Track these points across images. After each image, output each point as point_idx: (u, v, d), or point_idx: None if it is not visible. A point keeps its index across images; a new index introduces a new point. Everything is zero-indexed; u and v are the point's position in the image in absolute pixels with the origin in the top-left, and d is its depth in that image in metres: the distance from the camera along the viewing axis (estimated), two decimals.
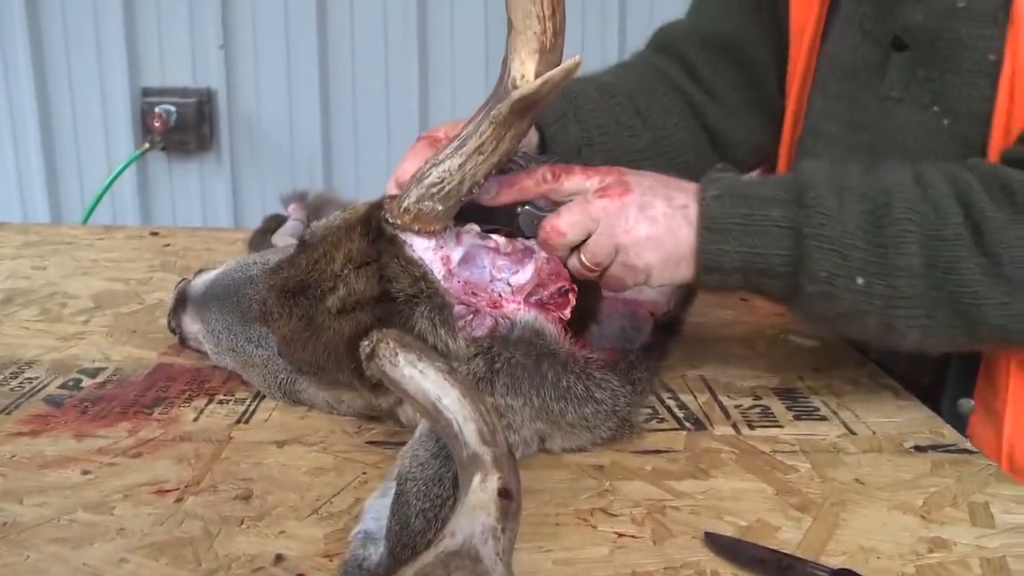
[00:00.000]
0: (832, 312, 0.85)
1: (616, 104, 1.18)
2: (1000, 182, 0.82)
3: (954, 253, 0.81)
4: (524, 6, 0.69)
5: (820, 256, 0.82)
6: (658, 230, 0.83)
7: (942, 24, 0.94)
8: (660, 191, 0.84)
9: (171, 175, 2.82)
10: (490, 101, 0.74)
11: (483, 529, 0.56)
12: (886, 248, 0.81)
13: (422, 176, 0.76)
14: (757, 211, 0.83)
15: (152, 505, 0.72)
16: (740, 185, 0.86)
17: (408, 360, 0.69)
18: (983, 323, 0.82)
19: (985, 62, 0.92)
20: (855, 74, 1.04)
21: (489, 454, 0.61)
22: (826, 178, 0.85)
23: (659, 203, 0.83)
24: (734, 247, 0.83)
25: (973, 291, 0.81)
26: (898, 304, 0.83)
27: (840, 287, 0.83)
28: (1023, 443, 0.93)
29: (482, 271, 0.81)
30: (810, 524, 0.72)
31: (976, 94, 0.92)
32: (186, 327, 0.98)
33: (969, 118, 0.93)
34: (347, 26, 2.71)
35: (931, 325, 0.83)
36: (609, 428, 0.82)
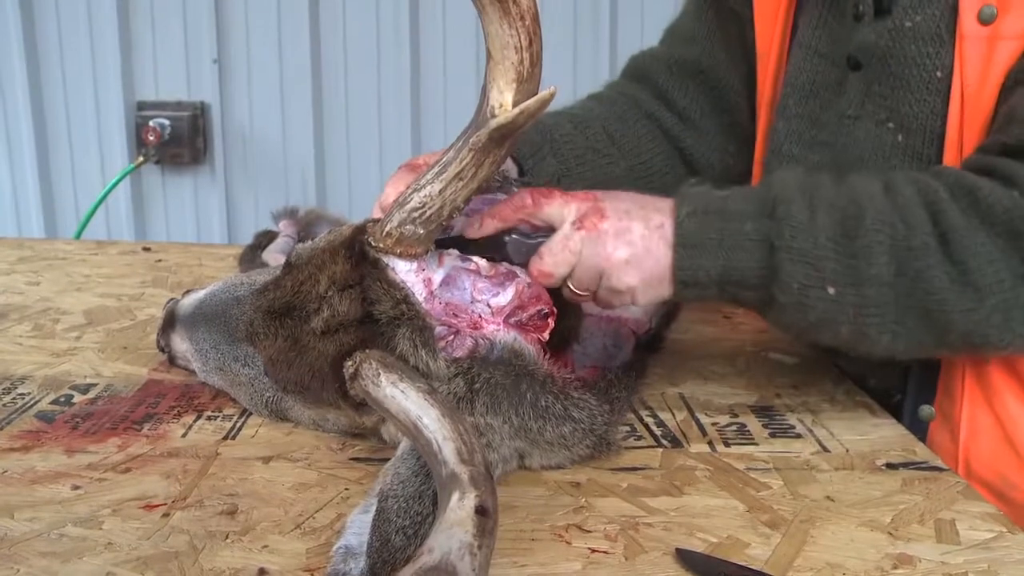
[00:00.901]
0: (804, 321, 0.87)
1: (591, 134, 1.21)
2: (966, 189, 0.84)
3: (922, 262, 0.83)
4: (502, 37, 0.71)
5: (792, 268, 0.84)
6: (636, 252, 0.85)
7: (892, 43, 0.97)
8: (636, 213, 0.86)
9: (165, 188, 2.84)
10: (470, 129, 0.76)
11: (460, 546, 0.58)
12: (857, 258, 0.83)
13: (404, 201, 0.78)
14: (730, 225, 0.85)
15: (140, 520, 0.74)
16: (713, 200, 0.88)
17: (390, 380, 0.71)
18: (951, 329, 0.84)
19: (933, 79, 0.94)
20: (815, 94, 1.08)
21: (467, 473, 0.63)
22: (798, 190, 0.87)
23: (636, 225, 0.86)
24: (709, 262, 0.85)
25: (941, 298, 0.83)
26: (869, 312, 0.85)
27: (812, 297, 0.85)
28: (978, 449, 0.96)
29: (463, 293, 0.83)
30: (779, 540, 0.74)
31: (927, 110, 0.95)
32: (175, 346, 1.00)
33: (922, 134, 0.96)
34: (340, 41, 2.74)
35: (901, 332, 0.86)
36: (587, 446, 0.84)
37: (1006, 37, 0.89)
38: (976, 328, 0.84)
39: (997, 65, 0.89)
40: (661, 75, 1.27)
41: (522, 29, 0.71)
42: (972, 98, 0.91)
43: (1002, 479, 0.95)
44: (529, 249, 0.87)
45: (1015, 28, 0.88)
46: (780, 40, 1.13)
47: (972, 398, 0.96)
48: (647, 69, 1.29)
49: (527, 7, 0.71)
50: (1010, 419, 0.95)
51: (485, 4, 0.70)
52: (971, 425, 0.96)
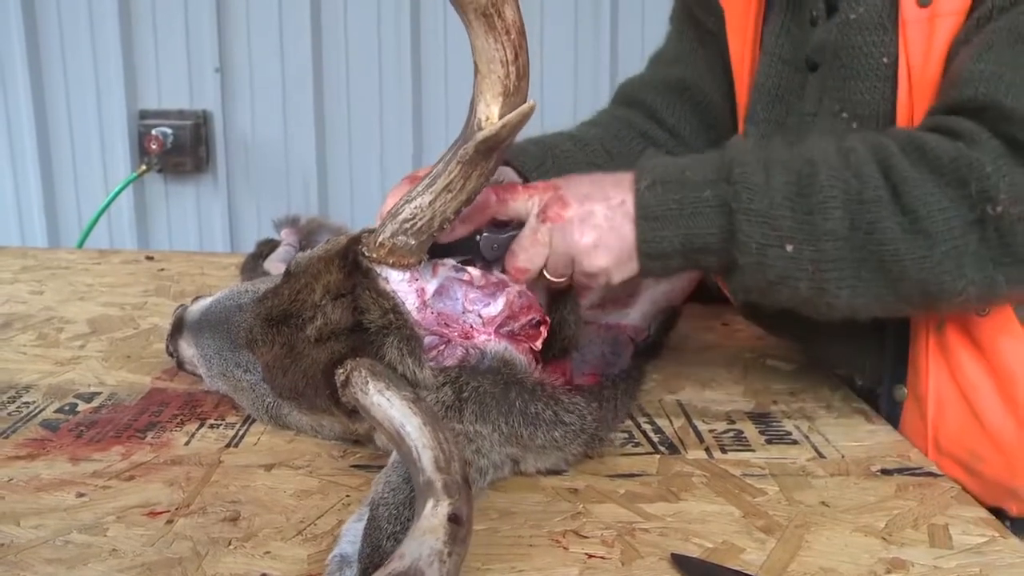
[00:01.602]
0: (764, 281, 0.89)
1: (590, 151, 1.23)
2: (915, 143, 0.86)
3: (875, 214, 0.85)
4: (488, 51, 0.73)
5: (750, 228, 0.86)
6: (602, 234, 0.87)
7: (841, 37, 1.00)
8: (597, 195, 0.88)
9: (167, 197, 2.85)
10: (458, 141, 0.77)
11: (430, 552, 0.59)
12: (812, 215, 0.85)
13: (396, 212, 0.80)
14: (689, 194, 0.87)
15: (144, 527, 0.75)
16: (671, 170, 0.89)
17: (377, 388, 0.73)
18: (905, 278, 0.86)
19: (881, 66, 0.97)
20: (780, 99, 1.11)
21: (441, 481, 0.64)
22: (752, 153, 0.89)
23: (598, 208, 0.88)
24: (671, 231, 0.87)
25: (894, 248, 0.85)
26: (826, 267, 0.86)
27: (771, 256, 0.87)
28: (945, 426, 0.98)
29: (455, 303, 0.84)
30: (774, 546, 0.75)
31: (877, 97, 0.98)
32: (182, 351, 1.01)
33: (875, 120, 0.99)
34: (341, 49, 2.75)
35: (859, 286, 0.87)
36: (579, 445, 0.85)
37: (944, 14, 0.92)
38: (930, 276, 0.85)
39: (938, 42, 0.93)
40: (649, 96, 1.31)
41: (508, 43, 0.72)
42: (918, 78, 0.94)
43: (971, 454, 0.97)
44: (500, 244, 0.89)
45: (952, 5, 0.92)
46: (751, 50, 1.17)
47: (937, 370, 0.97)
48: (635, 92, 1.33)
49: (512, 21, 0.72)
50: (972, 388, 0.96)
51: (471, 19, 0.71)
52: (938, 400, 0.98)
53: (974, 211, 0.84)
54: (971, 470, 0.96)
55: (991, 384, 0.96)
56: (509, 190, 0.89)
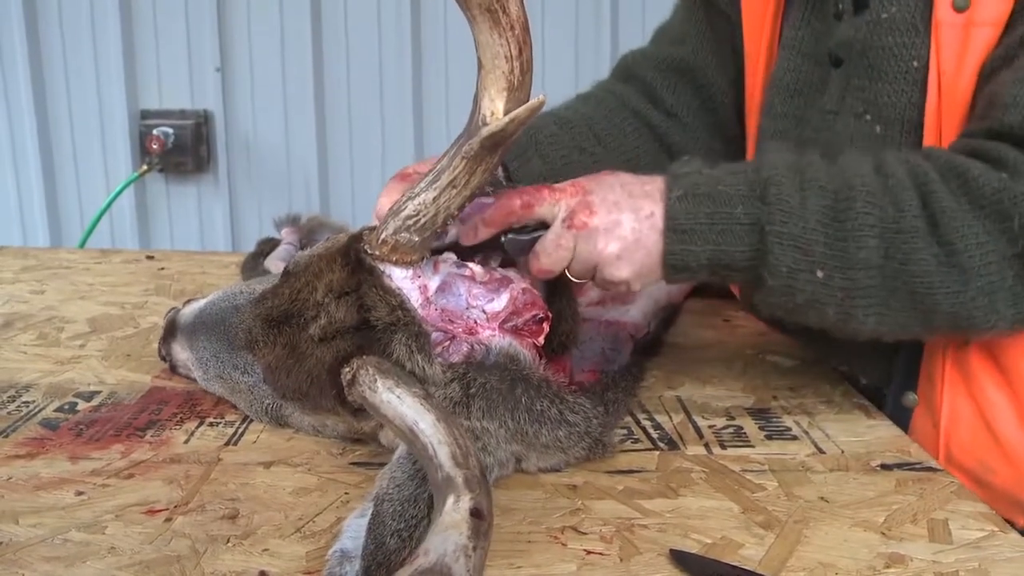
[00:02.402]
0: (792, 303, 0.88)
1: (577, 133, 1.22)
2: (956, 171, 0.84)
3: (911, 244, 0.83)
4: (492, 47, 0.72)
5: (781, 252, 0.85)
6: (627, 246, 0.87)
7: (870, 35, 0.98)
8: (626, 203, 0.87)
9: (169, 196, 2.85)
10: (462, 137, 0.77)
11: (455, 548, 0.59)
12: (847, 242, 0.84)
13: (399, 209, 0.80)
14: (721, 209, 0.86)
15: (142, 525, 0.75)
16: (704, 182, 0.88)
17: (386, 386, 0.72)
18: (937, 311, 0.85)
19: (910, 69, 0.96)
20: (799, 93, 1.09)
21: (462, 476, 0.64)
22: (788, 171, 0.87)
23: (626, 218, 0.87)
24: (700, 246, 0.86)
25: (928, 281, 0.83)
26: (856, 295, 0.86)
27: (801, 280, 0.86)
28: (958, 435, 0.98)
29: (458, 299, 0.84)
30: (773, 541, 0.75)
31: (904, 100, 0.96)
32: (176, 355, 1.01)
33: (899, 124, 0.97)
34: (342, 49, 2.75)
35: (887, 314, 0.87)
36: (582, 448, 0.85)
37: (981, 23, 0.90)
38: (962, 310, 0.84)
39: (973, 52, 0.91)
40: (650, 73, 1.29)
41: (512, 38, 0.72)
42: (949, 86, 0.92)
43: (981, 464, 0.97)
44: (525, 245, 0.88)
45: (989, 14, 0.90)
46: (768, 42, 1.15)
47: (952, 384, 0.97)
48: (636, 68, 1.31)
49: (517, 16, 0.72)
50: (989, 405, 0.96)
51: (475, 14, 0.71)
52: (951, 411, 0.97)
53: (1014, 246, 0.82)
54: (980, 480, 0.96)
55: (1008, 401, 0.95)
56: (534, 194, 0.87)
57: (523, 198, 0.87)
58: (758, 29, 1.16)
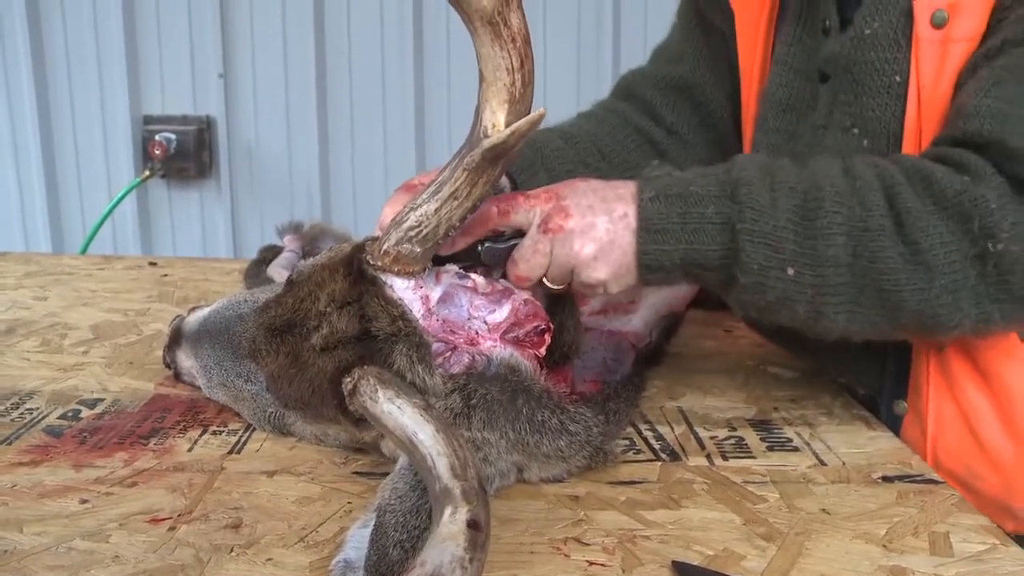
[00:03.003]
0: (763, 301, 0.89)
1: (581, 149, 1.23)
2: (921, 174, 0.87)
3: (878, 243, 0.85)
4: (493, 59, 0.73)
5: (752, 249, 0.86)
6: (603, 247, 0.87)
7: (854, 51, 1.00)
8: (599, 207, 0.88)
9: (171, 202, 2.86)
10: (463, 149, 0.77)
11: (452, 559, 0.59)
12: (816, 240, 0.86)
13: (401, 220, 0.80)
14: (692, 209, 0.87)
15: (146, 533, 0.75)
16: (676, 184, 0.89)
17: (387, 396, 0.73)
18: (903, 308, 0.87)
19: (893, 84, 0.98)
20: (791, 108, 1.11)
21: (459, 487, 0.64)
22: (759, 172, 0.89)
23: (600, 220, 0.88)
24: (672, 246, 0.87)
25: (894, 279, 0.85)
26: (826, 292, 0.87)
27: (771, 278, 0.87)
28: (945, 442, 0.99)
29: (460, 310, 0.84)
30: (775, 553, 0.75)
31: (888, 114, 0.98)
32: (180, 363, 1.01)
33: (885, 137, 0.99)
34: (344, 56, 2.76)
35: (857, 311, 0.88)
36: (583, 458, 0.85)
37: (957, 39, 0.93)
38: (927, 308, 0.86)
39: (950, 66, 0.93)
40: (649, 92, 1.31)
41: (513, 51, 0.73)
42: (928, 99, 0.95)
43: (968, 471, 0.98)
44: (501, 254, 0.89)
45: (965, 30, 0.92)
46: (761, 58, 1.17)
47: (937, 390, 0.99)
48: (636, 87, 1.33)
49: (518, 29, 0.72)
50: (972, 410, 0.97)
51: (477, 27, 0.72)
52: (938, 418, 0.99)
53: (975, 246, 0.84)
54: (969, 487, 0.97)
55: (991, 406, 0.97)
56: (510, 201, 0.89)
57: (499, 206, 0.88)
58: (751, 46, 1.18)
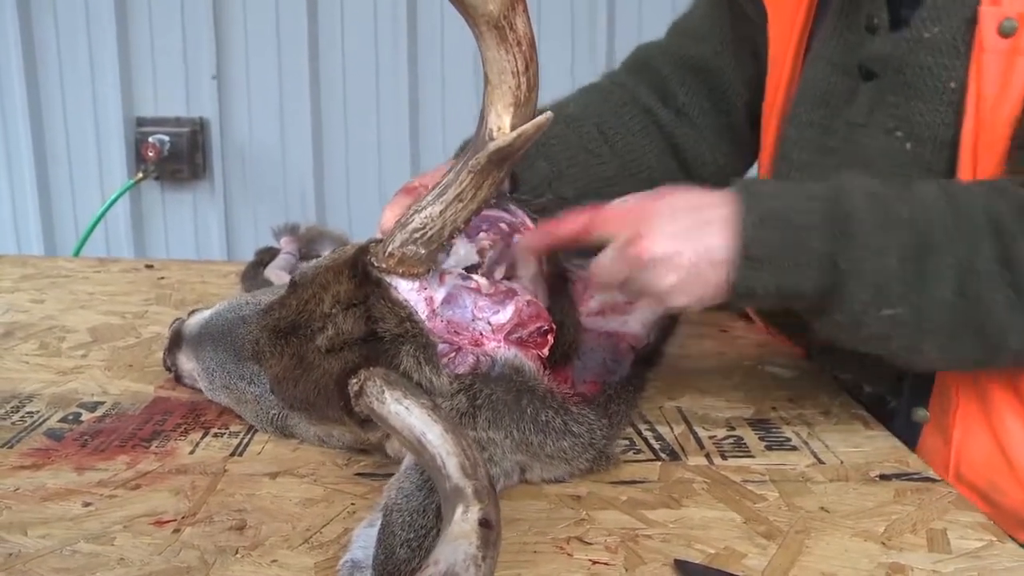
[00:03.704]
0: (857, 337, 0.88)
1: (584, 133, 1.22)
2: None
3: (985, 285, 0.83)
4: (499, 62, 0.73)
5: (856, 289, 0.84)
6: (685, 278, 0.84)
7: (908, 53, 0.99)
8: (690, 234, 0.85)
9: (164, 204, 2.86)
10: (468, 151, 0.78)
11: (465, 557, 0.59)
12: (923, 281, 0.83)
13: (406, 222, 0.80)
14: (796, 239, 0.84)
15: (151, 536, 0.76)
16: (780, 207, 0.85)
17: (394, 397, 0.73)
18: (1004, 348, 0.85)
19: (947, 90, 0.96)
20: (825, 103, 1.09)
21: (471, 486, 0.64)
22: (869, 202, 0.85)
23: (687, 249, 0.84)
24: (769, 276, 0.84)
25: (999, 320, 0.83)
26: (925, 331, 0.85)
27: (871, 316, 0.85)
28: (970, 455, 0.98)
29: (464, 311, 0.84)
30: (775, 551, 0.75)
31: (938, 120, 0.96)
32: (181, 365, 1.02)
33: (931, 144, 0.97)
34: (338, 57, 2.76)
35: (953, 348, 0.87)
36: (586, 460, 0.86)
37: None
38: None
39: (1018, 80, 0.90)
40: (664, 67, 1.29)
41: (519, 54, 0.73)
42: (989, 111, 0.92)
43: (991, 485, 0.97)
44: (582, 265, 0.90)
45: None
46: (795, 49, 1.15)
47: (966, 405, 0.97)
48: (650, 60, 1.31)
49: (524, 33, 0.73)
50: (1005, 431, 0.96)
51: (483, 30, 0.72)
52: (964, 431, 0.98)
53: None
54: (988, 498, 0.96)
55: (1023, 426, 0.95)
56: (594, 217, 0.86)
57: (582, 222, 0.87)
58: (786, 36, 1.15)
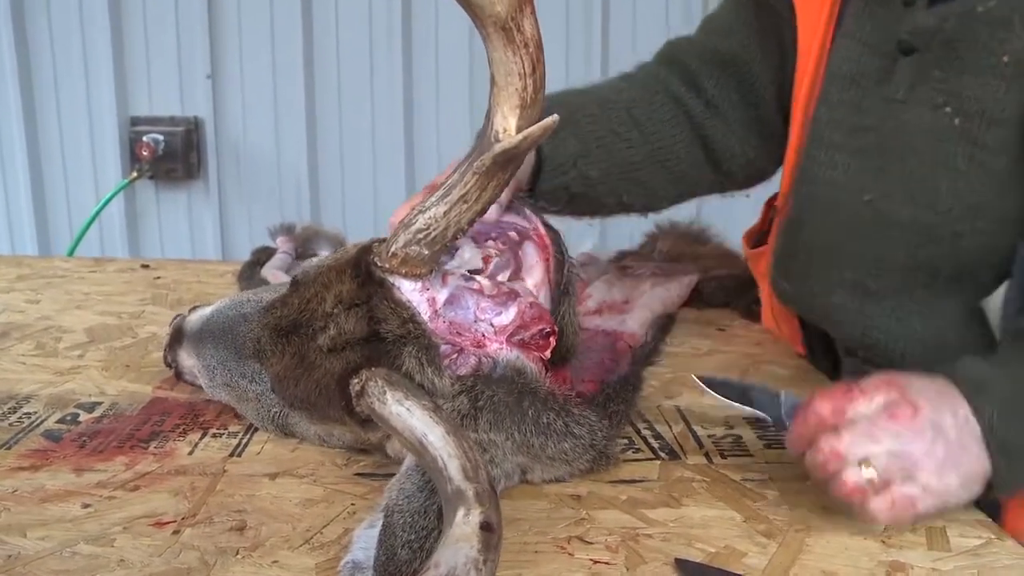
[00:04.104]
0: None
1: (614, 116, 1.22)
2: None
3: None
4: (506, 64, 0.73)
5: None
6: (952, 448, 0.77)
7: (960, 26, 0.97)
8: (943, 403, 0.79)
9: (159, 203, 2.85)
10: (473, 152, 0.78)
11: (466, 560, 0.59)
12: None
13: (409, 222, 0.80)
14: None
15: (151, 537, 0.75)
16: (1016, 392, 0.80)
17: (396, 398, 0.73)
18: None
19: (1000, 64, 0.94)
20: (857, 83, 1.08)
21: (472, 489, 0.65)
22: None
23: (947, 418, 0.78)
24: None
25: None
26: None
27: None
28: None
29: (467, 312, 0.84)
30: (776, 550, 0.76)
31: (989, 95, 0.95)
32: (182, 362, 1.01)
33: (980, 118, 0.96)
34: (333, 56, 2.76)
35: None
36: (587, 461, 0.85)
37: None
38: None
39: None
40: (694, 61, 1.29)
41: (526, 56, 0.73)
42: None
43: None
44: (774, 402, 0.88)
45: None
46: (823, 33, 1.14)
47: None
48: (680, 53, 1.31)
49: (531, 35, 0.73)
50: None
51: (490, 32, 0.72)
52: None
53: None
54: None
55: None
56: (844, 398, 0.79)
57: (834, 404, 0.79)
58: (815, 20, 1.15)
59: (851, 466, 0.76)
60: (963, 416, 0.78)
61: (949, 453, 0.76)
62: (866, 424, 0.77)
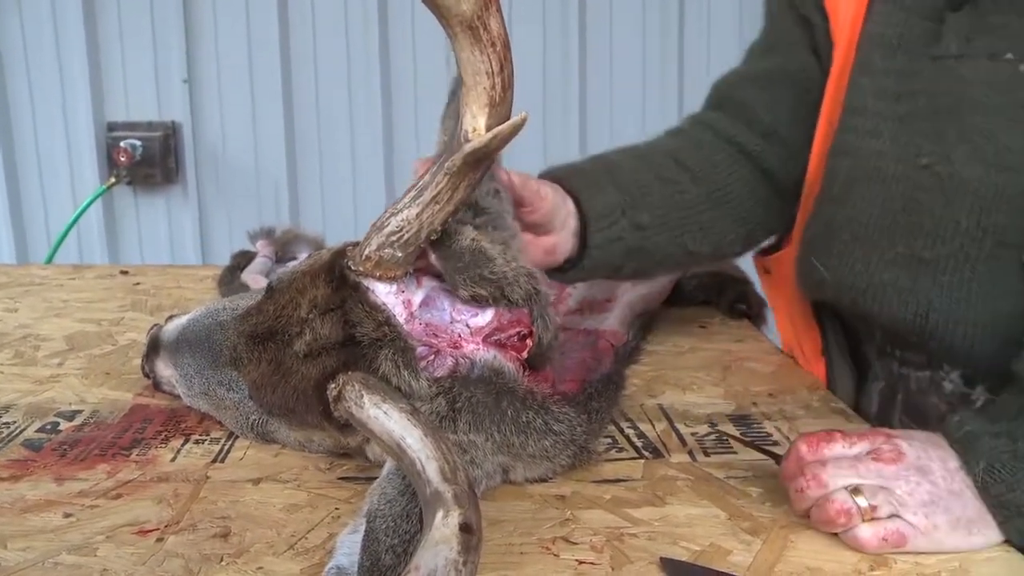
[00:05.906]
0: None
1: (656, 163, 1.18)
2: None
3: None
4: (473, 63, 0.73)
5: None
6: (939, 493, 0.77)
7: None
8: (932, 453, 0.79)
9: (137, 209, 2.83)
10: (444, 153, 0.78)
11: (446, 563, 0.59)
12: None
13: (382, 225, 0.80)
14: None
15: (134, 545, 0.75)
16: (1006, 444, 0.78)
17: (373, 402, 0.73)
18: None
19: None
20: (901, 48, 1.04)
21: (450, 491, 0.64)
22: None
23: (936, 465, 0.78)
24: None
25: None
26: None
27: None
28: None
29: (442, 313, 0.84)
30: (760, 547, 0.76)
31: None
32: (159, 372, 1.01)
33: None
34: (310, 59, 2.75)
35: None
36: (568, 456, 0.86)
37: None
38: None
39: None
40: (745, 91, 1.24)
41: (493, 55, 0.73)
42: None
43: None
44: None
45: None
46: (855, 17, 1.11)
47: None
48: (729, 90, 1.27)
49: (498, 34, 0.73)
50: None
51: (457, 31, 0.72)
52: None
53: None
54: None
55: None
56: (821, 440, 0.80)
57: (808, 444, 0.80)
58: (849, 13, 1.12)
59: (837, 491, 0.76)
60: (953, 468, 0.78)
61: (935, 496, 0.76)
62: (850, 460, 0.78)
